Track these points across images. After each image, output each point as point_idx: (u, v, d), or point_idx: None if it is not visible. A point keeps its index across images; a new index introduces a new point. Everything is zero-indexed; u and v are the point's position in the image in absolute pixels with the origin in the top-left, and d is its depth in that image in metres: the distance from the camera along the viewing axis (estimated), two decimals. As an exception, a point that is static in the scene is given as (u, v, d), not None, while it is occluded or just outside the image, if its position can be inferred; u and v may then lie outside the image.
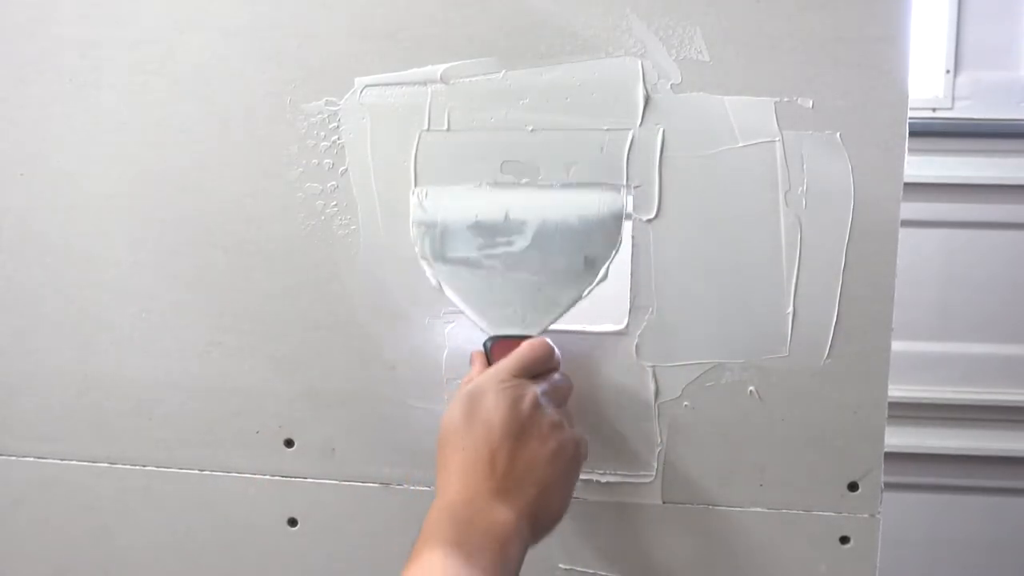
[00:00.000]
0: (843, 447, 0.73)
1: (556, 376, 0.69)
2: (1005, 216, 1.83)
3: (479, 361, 0.71)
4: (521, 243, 0.72)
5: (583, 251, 0.72)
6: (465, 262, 0.72)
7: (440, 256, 0.73)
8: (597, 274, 0.72)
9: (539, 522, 0.63)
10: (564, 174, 0.72)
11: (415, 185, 0.73)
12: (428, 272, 0.73)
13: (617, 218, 0.71)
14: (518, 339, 0.70)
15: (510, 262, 0.72)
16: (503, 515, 0.60)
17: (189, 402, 0.79)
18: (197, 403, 0.79)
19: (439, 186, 0.73)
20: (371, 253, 0.75)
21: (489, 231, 0.72)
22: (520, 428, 0.63)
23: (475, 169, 0.72)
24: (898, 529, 1.84)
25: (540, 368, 0.68)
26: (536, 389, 0.65)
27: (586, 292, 0.72)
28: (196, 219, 0.76)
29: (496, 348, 0.71)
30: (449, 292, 0.73)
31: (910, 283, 1.81)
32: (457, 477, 0.62)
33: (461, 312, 0.74)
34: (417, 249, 0.73)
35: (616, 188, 0.71)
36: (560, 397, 0.68)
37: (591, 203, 0.71)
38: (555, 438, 0.64)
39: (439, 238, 0.73)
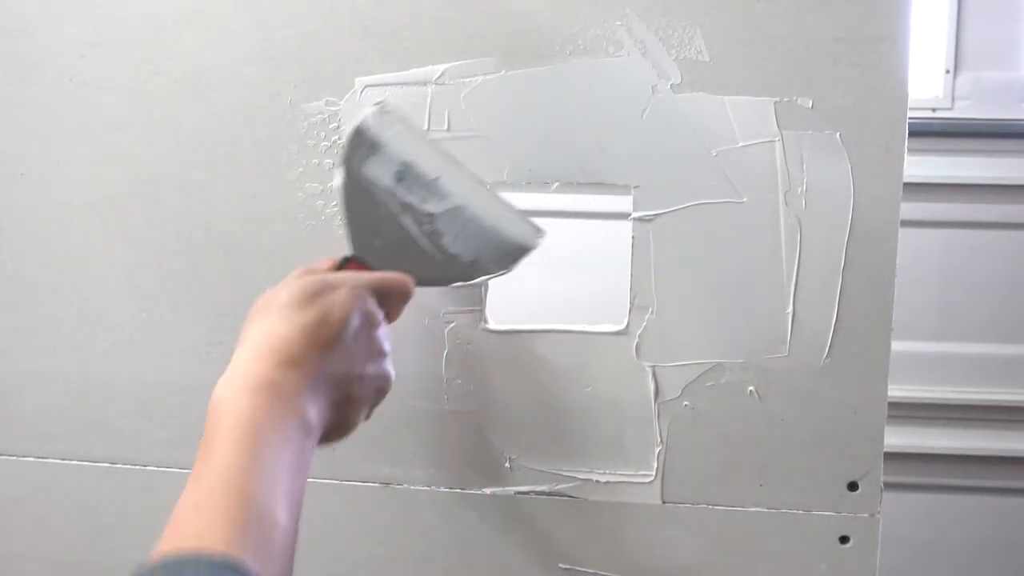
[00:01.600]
0: (843, 447, 0.73)
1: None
2: (1005, 216, 1.83)
3: (329, 264, 0.66)
4: (434, 208, 0.68)
5: (476, 252, 0.68)
6: (376, 184, 0.68)
7: (358, 166, 0.68)
8: (474, 280, 0.69)
9: (332, 424, 0.60)
10: (563, 174, 0.72)
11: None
12: (337, 175, 0.68)
13: (520, 252, 0.69)
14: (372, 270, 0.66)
15: (415, 216, 0.68)
16: (303, 404, 0.56)
17: (189, 402, 0.79)
18: (197, 403, 0.79)
19: (402, 113, 0.69)
20: (371, 253, 0.74)
21: (416, 179, 0.68)
22: (353, 339, 0.59)
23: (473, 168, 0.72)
24: (898, 529, 1.84)
25: (394, 303, 0.64)
26: (382, 322, 0.62)
27: (454, 284, 0.69)
28: (196, 219, 0.76)
29: (350, 267, 0.66)
30: (341, 200, 0.68)
31: (910, 283, 1.81)
32: (269, 348, 0.57)
33: (462, 312, 0.74)
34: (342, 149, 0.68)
35: (534, 228, 0.68)
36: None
37: (508, 221, 0.69)
38: (378, 366, 0.61)
39: (369, 150, 0.68)
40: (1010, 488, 1.91)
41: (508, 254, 0.69)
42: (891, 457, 0.72)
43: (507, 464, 0.76)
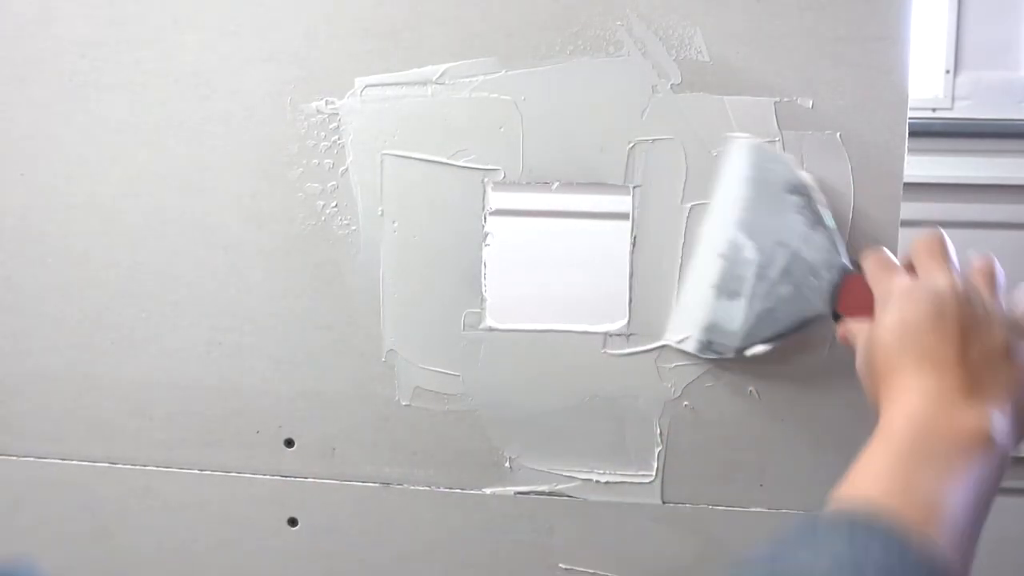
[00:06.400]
0: (843, 447, 0.73)
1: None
2: (1005, 216, 1.83)
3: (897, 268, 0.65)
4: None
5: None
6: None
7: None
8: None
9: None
10: (563, 174, 0.72)
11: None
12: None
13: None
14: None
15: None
16: (971, 418, 0.56)
17: (189, 402, 0.79)
18: (197, 403, 0.79)
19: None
20: (371, 253, 0.75)
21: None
22: (976, 321, 0.59)
23: (472, 169, 0.72)
24: (898, 529, 1.83)
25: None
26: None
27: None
28: (196, 219, 0.76)
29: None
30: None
31: (910, 283, 1.81)
32: (917, 381, 0.57)
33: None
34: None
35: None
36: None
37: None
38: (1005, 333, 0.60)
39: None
40: (1010, 488, 1.90)
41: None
42: (891, 457, 0.72)
43: (507, 464, 0.76)
